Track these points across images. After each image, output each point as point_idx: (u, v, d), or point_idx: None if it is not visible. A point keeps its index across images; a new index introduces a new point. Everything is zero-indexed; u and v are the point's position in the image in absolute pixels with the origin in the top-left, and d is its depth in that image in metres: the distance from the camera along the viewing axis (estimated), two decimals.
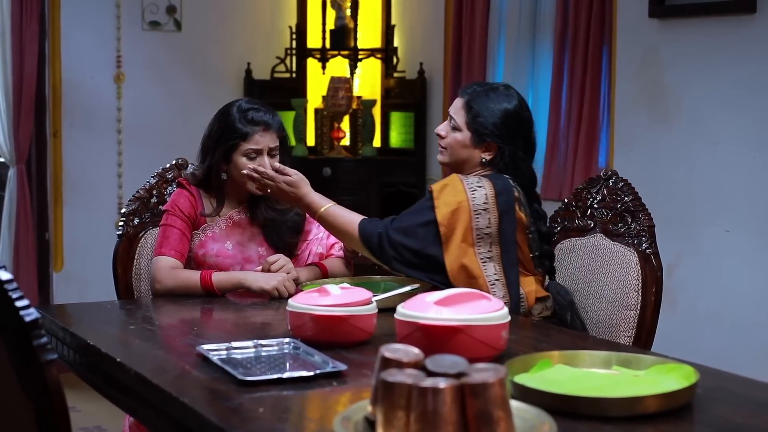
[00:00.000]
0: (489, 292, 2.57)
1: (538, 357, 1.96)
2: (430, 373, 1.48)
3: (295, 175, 2.77)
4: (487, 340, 2.01)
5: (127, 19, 5.31)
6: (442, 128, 2.84)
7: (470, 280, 2.62)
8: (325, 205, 2.75)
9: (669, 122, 4.22)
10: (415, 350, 1.58)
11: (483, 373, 1.47)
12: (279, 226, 2.96)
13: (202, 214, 2.94)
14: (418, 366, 1.54)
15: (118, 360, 2.07)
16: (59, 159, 5.19)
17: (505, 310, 2.08)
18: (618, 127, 4.44)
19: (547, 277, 2.86)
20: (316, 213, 2.76)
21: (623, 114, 4.42)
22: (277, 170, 2.77)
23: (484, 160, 2.77)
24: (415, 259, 2.65)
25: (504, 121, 2.74)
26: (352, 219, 2.72)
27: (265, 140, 2.88)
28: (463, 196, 2.65)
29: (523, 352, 2.13)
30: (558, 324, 2.72)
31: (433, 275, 2.65)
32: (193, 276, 2.82)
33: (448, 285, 2.56)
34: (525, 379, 1.83)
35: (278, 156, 2.92)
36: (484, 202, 2.65)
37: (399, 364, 1.54)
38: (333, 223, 2.74)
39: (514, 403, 1.57)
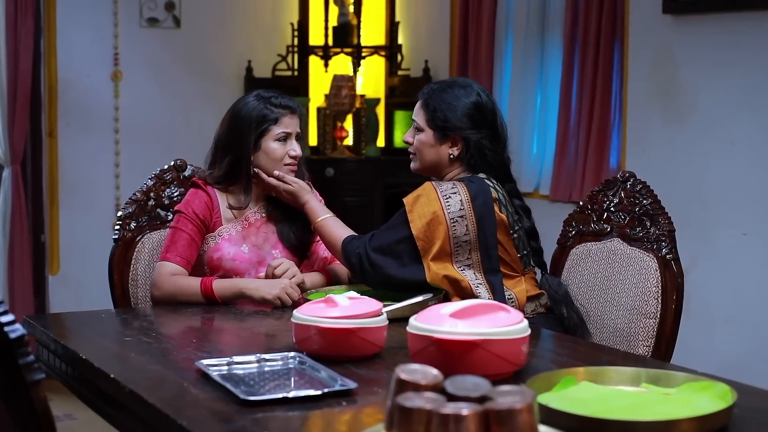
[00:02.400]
0: (474, 294, 2.54)
1: (561, 374, 1.84)
2: (451, 397, 1.37)
3: (295, 185, 2.82)
4: (507, 355, 1.89)
5: (124, 16, 5.24)
6: (408, 135, 2.79)
7: (453, 285, 2.58)
8: (322, 216, 2.77)
9: (683, 122, 4.12)
10: (434, 371, 1.46)
11: (509, 397, 1.35)
12: (294, 222, 2.89)
13: (229, 207, 2.86)
14: (437, 389, 1.42)
15: (112, 376, 1.95)
16: (55, 159, 5.12)
17: (525, 322, 1.96)
18: (630, 127, 4.35)
19: (539, 271, 2.80)
20: (313, 223, 2.79)
21: (635, 113, 4.32)
22: (277, 178, 2.82)
23: (452, 156, 2.71)
24: (395, 281, 2.62)
25: (464, 111, 2.69)
26: (339, 235, 2.72)
27: (293, 124, 2.87)
28: (437, 205, 2.59)
29: (543, 367, 2.02)
30: (554, 320, 2.66)
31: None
32: (194, 283, 2.71)
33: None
34: (549, 399, 1.71)
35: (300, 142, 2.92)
36: (460, 209, 2.60)
37: (416, 387, 1.42)
38: (323, 236, 2.78)
39: (541, 428, 1.44)
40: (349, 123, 5.59)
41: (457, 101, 2.70)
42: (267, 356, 2.02)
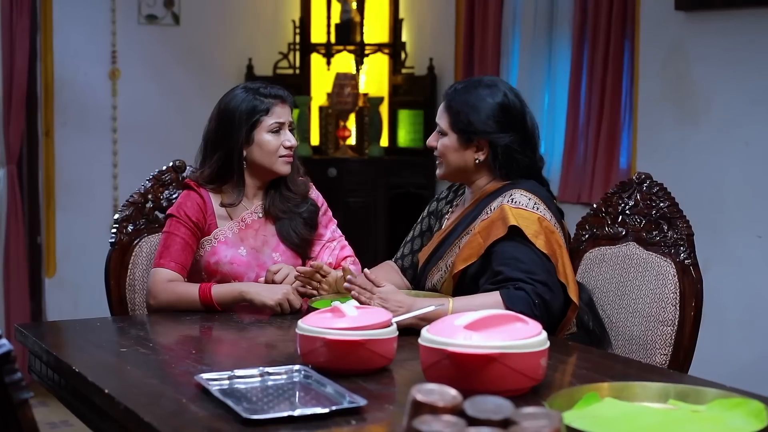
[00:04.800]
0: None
1: (583, 390, 1.73)
2: (471, 420, 1.27)
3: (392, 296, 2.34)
4: (525, 369, 1.79)
5: (122, 13, 5.16)
6: (432, 138, 2.63)
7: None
8: (445, 304, 2.31)
9: (696, 121, 4.03)
10: (452, 392, 1.35)
11: (534, 420, 1.25)
12: (294, 218, 2.78)
13: (224, 205, 2.75)
14: (456, 411, 1.31)
15: (107, 391, 1.84)
16: (51, 159, 5.04)
17: (544, 335, 1.85)
18: (641, 126, 4.26)
19: None
20: (446, 314, 2.25)
21: (647, 113, 4.23)
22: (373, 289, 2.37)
23: (477, 161, 2.56)
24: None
25: (488, 113, 2.53)
26: (484, 302, 2.30)
27: (285, 113, 2.77)
28: (534, 216, 2.44)
29: (562, 381, 1.91)
30: (579, 338, 2.52)
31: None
32: (192, 290, 2.60)
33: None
34: (572, 418, 1.61)
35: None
36: (551, 217, 2.48)
37: (433, 409, 1.32)
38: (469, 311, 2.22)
39: None
40: (351, 122, 5.51)
41: (481, 102, 2.54)
42: (270, 370, 1.91)
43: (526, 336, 1.81)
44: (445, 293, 2.53)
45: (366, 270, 2.48)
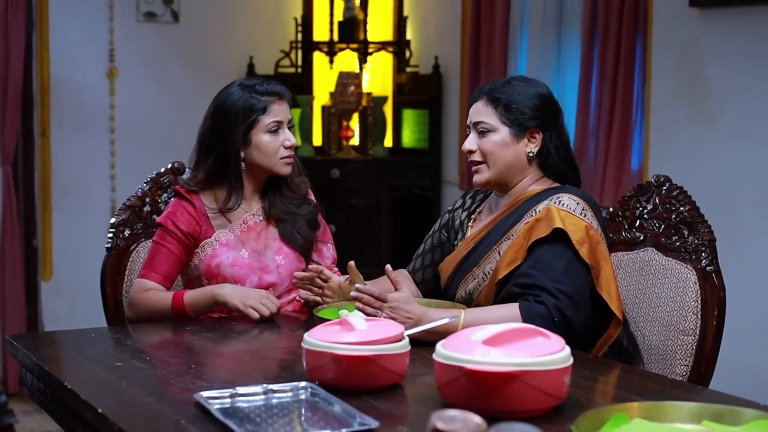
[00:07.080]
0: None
1: (611, 410, 1.62)
2: None
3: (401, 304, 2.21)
4: (548, 387, 1.68)
5: (120, 10, 5.10)
6: (471, 142, 2.46)
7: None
8: (458, 315, 2.20)
9: (711, 122, 3.94)
10: (476, 419, 1.25)
11: None
12: (297, 220, 2.69)
13: (221, 210, 2.65)
14: None
15: (100, 411, 1.73)
16: (48, 160, 4.97)
17: (567, 350, 1.74)
18: (653, 126, 4.16)
19: None
20: (456, 328, 2.15)
21: (659, 112, 4.14)
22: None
23: (531, 153, 2.44)
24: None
25: (539, 102, 2.45)
26: (500, 314, 2.20)
27: (283, 111, 2.68)
28: (582, 223, 2.32)
29: (587, 400, 1.80)
30: (611, 354, 2.40)
31: None
32: (165, 297, 2.54)
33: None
34: None
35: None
36: (598, 227, 2.36)
37: None
38: (482, 323, 2.04)
39: None
40: (355, 122, 5.44)
41: (529, 90, 2.45)
42: (275, 387, 1.80)
43: (548, 352, 1.70)
44: (483, 300, 2.41)
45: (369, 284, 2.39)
